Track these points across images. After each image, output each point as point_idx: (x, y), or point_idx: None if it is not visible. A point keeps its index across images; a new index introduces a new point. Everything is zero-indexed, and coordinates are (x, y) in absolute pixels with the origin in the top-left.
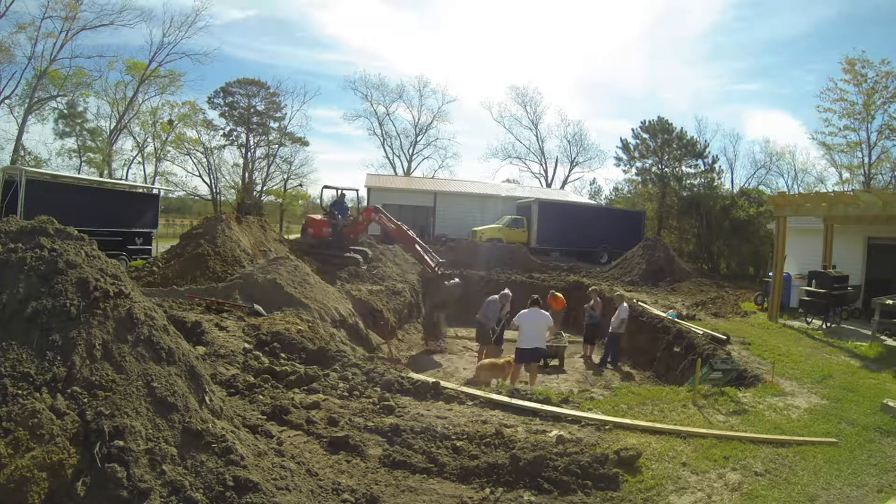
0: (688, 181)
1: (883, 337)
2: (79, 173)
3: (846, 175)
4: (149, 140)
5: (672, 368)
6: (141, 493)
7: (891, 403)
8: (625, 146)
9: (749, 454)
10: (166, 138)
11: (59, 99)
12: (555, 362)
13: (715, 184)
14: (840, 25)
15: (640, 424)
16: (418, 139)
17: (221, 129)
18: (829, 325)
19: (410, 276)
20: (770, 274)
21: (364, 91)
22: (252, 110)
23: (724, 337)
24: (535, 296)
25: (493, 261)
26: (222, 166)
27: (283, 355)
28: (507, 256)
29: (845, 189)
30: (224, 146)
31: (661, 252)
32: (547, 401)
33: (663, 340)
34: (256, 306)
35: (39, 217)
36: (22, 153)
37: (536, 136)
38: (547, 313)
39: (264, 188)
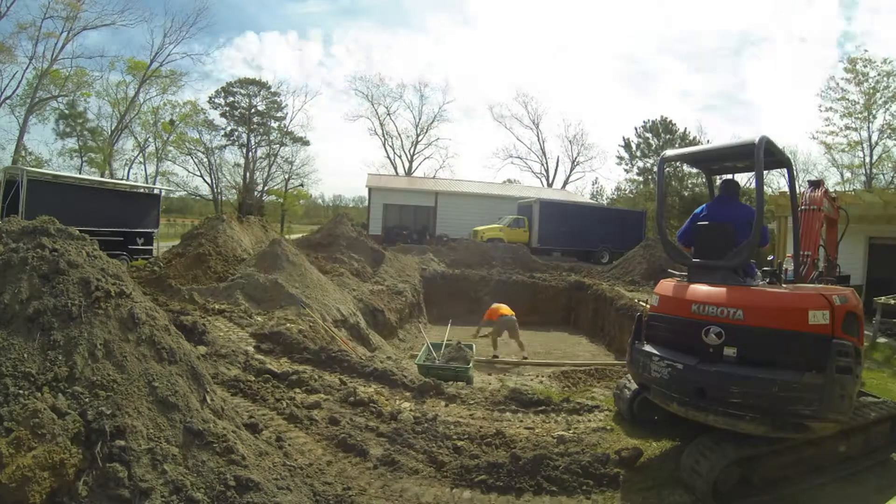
0: (689, 181)
1: (883, 338)
2: (80, 173)
3: (847, 175)
4: (150, 140)
5: None
6: (142, 493)
7: (891, 403)
8: (626, 145)
9: None
10: (167, 138)
11: (60, 99)
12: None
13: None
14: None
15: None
16: (419, 139)
17: (223, 128)
18: None
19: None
20: None
21: (365, 91)
22: (253, 110)
23: None
24: None
25: (494, 260)
26: (223, 166)
27: (284, 355)
28: (508, 256)
29: (846, 189)
30: (225, 146)
31: (662, 252)
32: (548, 400)
33: None
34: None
35: (41, 217)
36: (23, 153)
37: (537, 136)
38: None
39: (265, 188)
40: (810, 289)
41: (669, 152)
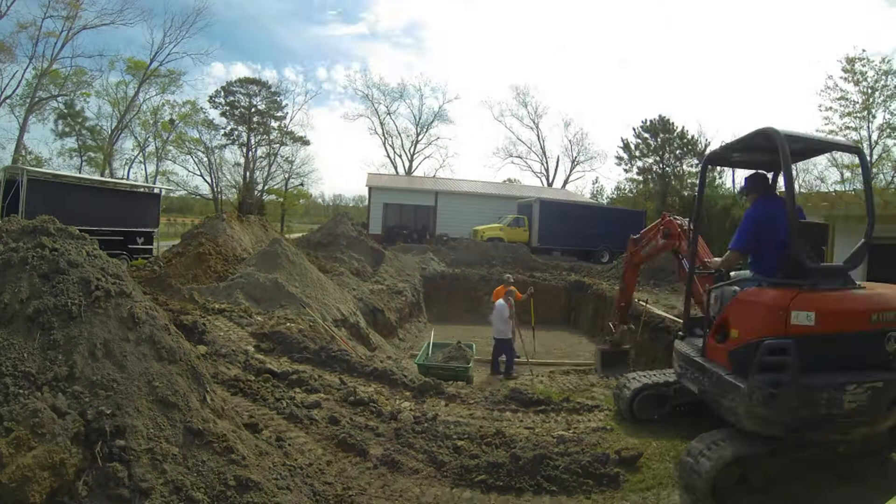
0: (689, 180)
1: None
2: (80, 173)
3: (847, 174)
4: (150, 139)
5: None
6: (142, 493)
7: None
8: (626, 145)
9: None
10: (167, 138)
11: (59, 98)
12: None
13: (716, 183)
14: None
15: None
16: (419, 138)
17: (222, 128)
18: None
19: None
20: None
21: (365, 90)
22: (253, 109)
23: None
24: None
25: (494, 260)
26: (223, 165)
27: (284, 355)
28: (508, 255)
29: (846, 188)
30: (225, 145)
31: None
32: (548, 400)
33: (665, 339)
34: None
35: (41, 217)
36: (23, 153)
37: (537, 136)
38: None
39: (265, 187)
40: None
41: (718, 150)
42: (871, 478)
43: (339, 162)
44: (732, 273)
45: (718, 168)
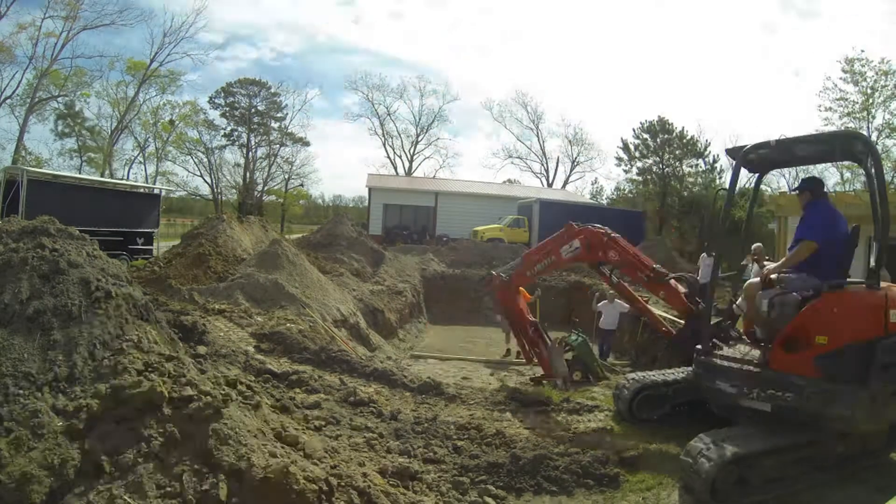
0: (688, 181)
1: None
2: (80, 173)
3: (847, 175)
4: (150, 140)
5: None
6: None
7: None
8: (625, 146)
9: None
10: (167, 138)
11: (59, 99)
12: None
13: (715, 184)
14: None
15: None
16: (419, 139)
17: (223, 129)
18: None
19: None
20: None
21: (365, 91)
22: (253, 110)
23: None
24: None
25: (495, 260)
26: (223, 166)
27: (284, 355)
28: (508, 256)
29: (846, 189)
30: (225, 146)
31: (661, 252)
32: (548, 400)
33: (665, 340)
34: None
35: (41, 217)
36: (23, 153)
37: (537, 136)
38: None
39: (265, 188)
40: None
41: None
42: (871, 478)
43: (339, 162)
44: (773, 277)
45: (719, 167)
